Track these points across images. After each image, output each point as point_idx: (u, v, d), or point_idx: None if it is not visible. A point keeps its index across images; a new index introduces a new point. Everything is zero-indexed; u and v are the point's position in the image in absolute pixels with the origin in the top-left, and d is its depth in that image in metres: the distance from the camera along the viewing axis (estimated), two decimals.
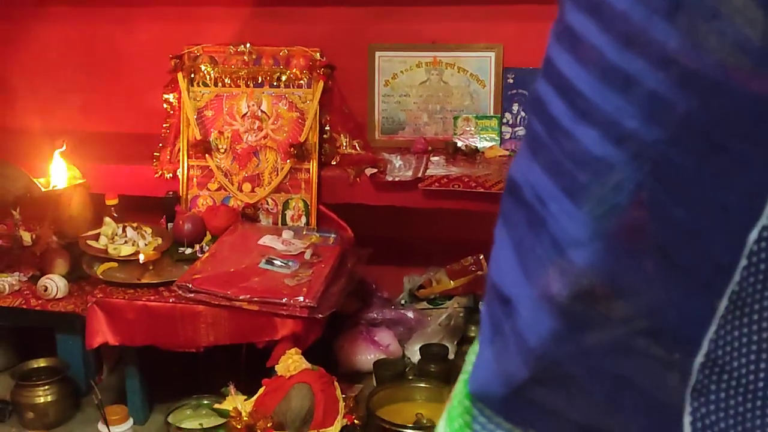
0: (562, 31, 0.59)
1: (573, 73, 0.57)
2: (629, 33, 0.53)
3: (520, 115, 2.56)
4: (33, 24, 2.77)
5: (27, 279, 2.33)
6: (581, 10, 0.56)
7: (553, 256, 0.58)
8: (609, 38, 0.54)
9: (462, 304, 2.56)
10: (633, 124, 0.53)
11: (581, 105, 0.56)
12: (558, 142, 0.58)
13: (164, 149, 2.47)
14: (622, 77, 0.54)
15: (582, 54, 0.56)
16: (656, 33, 0.52)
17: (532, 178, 0.60)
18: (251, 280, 2.09)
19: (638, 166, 0.54)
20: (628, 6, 0.53)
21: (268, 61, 2.42)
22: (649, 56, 0.53)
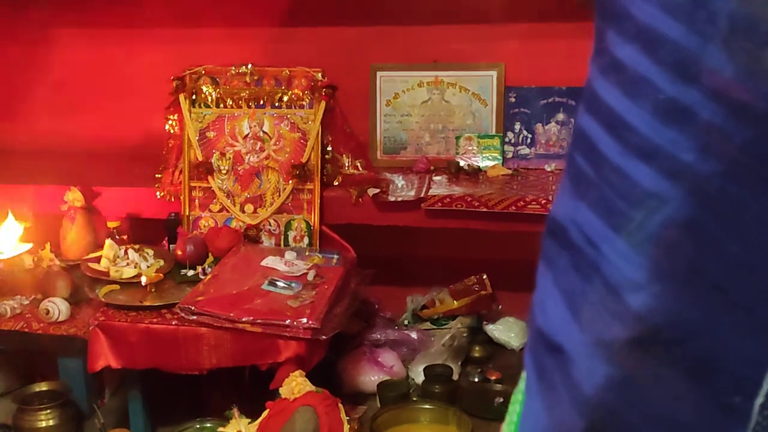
0: (607, 63, 0.55)
1: (623, 107, 0.53)
2: (683, 63, 0.50)
3: (522, 133, 2.52)
4: (39, 46, 2.75)
5: (29, 302, 2.28)
6: (630, 42, 0.53)
7: (608, 301, 0.54)
8: (661, 69, 0.51)
9: (465, 324, 2.52)
10: (689, 158, 0.50)
11: (632, 140, 0.53)
12: (607, 180, 0.55)
13: (166, 171, 2.43)
14: (676, 109, 0.51)
15: (632, 87, 0.53)
16: (711, 62, 0.49)
17: (579, 219, 0.57)
18: (254, 302, 2.04)
19: (695, 200, 0.51)
20: (681, 35, 0.50)
21: (270, 82, 2.38)
22: (704, 86, 0.50)
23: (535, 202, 2.23)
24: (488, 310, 2.57)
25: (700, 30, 0.49)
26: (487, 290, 2.54)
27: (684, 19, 0.50)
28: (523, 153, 2.53)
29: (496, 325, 2.57)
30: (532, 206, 2.23)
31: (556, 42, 2.46)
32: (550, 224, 0.61)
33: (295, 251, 2.29)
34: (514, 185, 2.38)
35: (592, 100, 0.57)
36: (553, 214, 0.61)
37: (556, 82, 2.48)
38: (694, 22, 0.50)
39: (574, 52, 2.44)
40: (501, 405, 2.23)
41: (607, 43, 0.56)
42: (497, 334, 2.55)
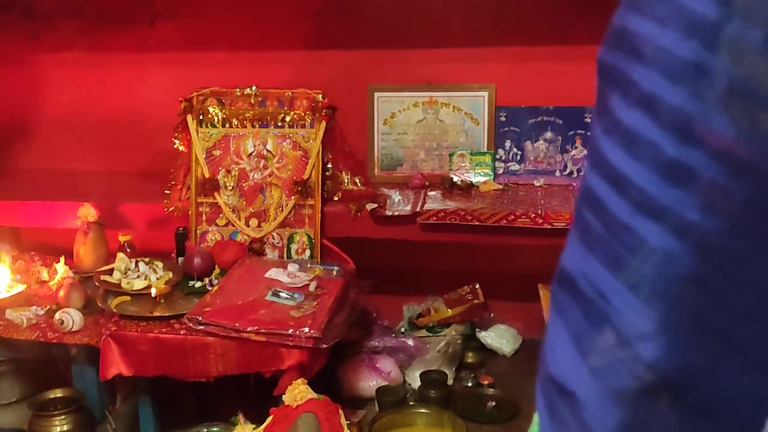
0: (612, 125, 0.56)
1: (628, 168, 0.55)
2: (685, 126, 0.52)
3: (512, 150, 2.58)
4: (50, 69, 2.79)
5: (44, 312, 2.33)
6: (633, 107, 0.55)
7: (619, 351, 0.56)
8: (665, 133, 0.53)
9: (459, 331, 2.56)
10: (694, 216, 0.52)
11: (639, 198, 0.54)
12: (615, 235, 0.56)
13: (175, 187, 2.48)
14: (680, 170, 0.53)
15: (636, 149, 0.54)
16: (713, 125, 0.51)
17: (589, 272, 0.58)
18: (258, 312, 2.09)
19: (699, 256, 0.53)
20: (682, 101, 0.52)
21: (273, 103, 2.44)
22: (707, 148, 0.52)
23: (524, 216, 2.28)
24: (481, 318, 2.61)
25: (701, 95, 0.51)
26: (479, 299, 2.59)
27: (685, 85, 0.52)
28: (513, 169, 2.58)
29: (489, 332, 2.62)
30: (521, 220, 2.28)
31: (544, 64, 2.52)
32: (560, 274, 0.62)
33: (297, 263, 2.34)
34: (505, 200, 2.43)
35: (598, 159, 0.58)
36: (563, 264, 0.62)
37: (544, 102, 2.54)
38: (695, 88, 0.51)
39: (560, 73, 2.51)
40: (493, 409, 2.28)
41: (611, 106, 0.57)
42: (489, 341, 2.60)
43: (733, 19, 0.50)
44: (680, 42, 0.52)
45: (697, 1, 0.51)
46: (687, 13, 0.52)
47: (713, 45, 0.51)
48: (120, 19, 2.67)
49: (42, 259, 2.61)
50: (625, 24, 0.57)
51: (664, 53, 0.53)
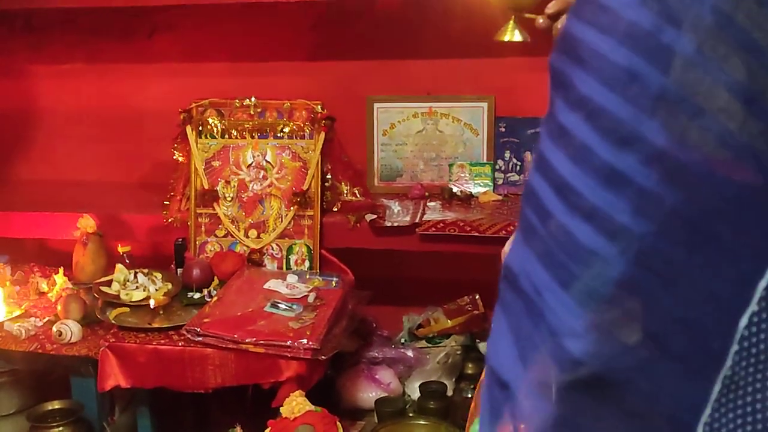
0: (554, 128, 0.58)
1: (565, 170, 0.56)
2: (618, 132, 0.53)
3: (512, 161, 2.55)
4: (49, 80, 2.78)
5: (42, 324, 2.30)
6: (572, 110, 0.56)
7: (550, 345, 0.56)
8: (599, 136, 0.54)
9: (459, 342, 2.53)
10: (624, 219, 0.53)
11: (574, 200, 0.55)
12: (552, 235, 0.57)
13: (174, 198, 2.46)
14: (612, 174, 0.53)
15: (573, 151, 0.56)
16: (644, 131, 0.52)
17: (528, 268, 0.59)
18: (257, 324, 2.06)
19: (630, 258, 0.53)
20: (615, 106, 0.53)
21: (272, 114, 2.41)
22: (638, 154, 0.52)
23: None
24: (480, 329, 2.58)
25: (635, 102, 0.52)
26: (479, 310, 2.56)
27: (620, 91, 0.53)
28: (513, 180, 2.56)
29: None
30: None
31: (543, 75, 2.46)
32: (504, 270, 0.62)
33: (296, 274, 2.31)
34: (504, 210, 2.41)
35: (541, 160, 0.59)
36: (508, 260, 0.63)
37: (544, 113, 2.50)
38: (629, 94, 0.52)
39: None
40: None
41: (555, 109, 0.58)
42: None
43: (668, 30, 0.51)
44: (616, 49, 0.53)
45: (633, 11, 0.53)
46: (624, 22, 0.53)
47: (647, 53, 0.52)
48: (119, 31, 2.65)
49: (41, 270, 2.58)
50: (571, 30, 0.58)
51: (601, 59, 0.54)
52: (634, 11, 0.52)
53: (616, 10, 0.53)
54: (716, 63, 0.50)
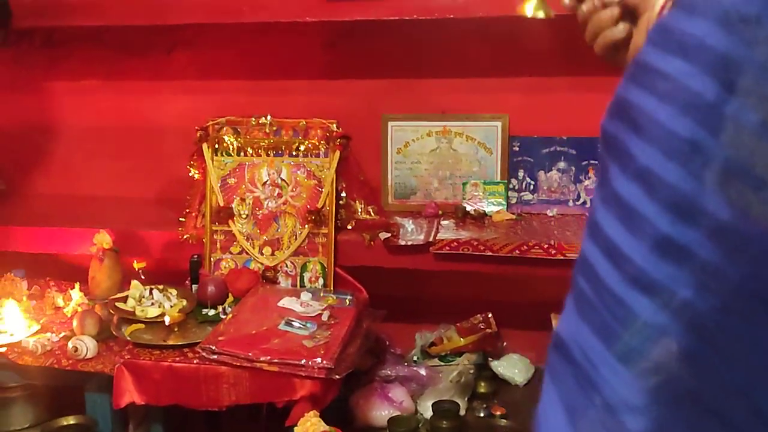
0: (609, 196, 0.56)
1: (622, 240, 0.54)
2: (680, 204, 0.51)
3: (526, 180, 2.54)
4: (68, 96, 2.78)
5: (58, 339, 2.30)
6: (629, 179, 0.54)
7: (608, 421, 0.55)
8: (660, 209, 0.52)
9: (472, 361, 2.52)
10: (687, 294, 0.51)
11: (632, 271, 0.53)
12: (607, 306, 0.55)
13: (190, 215, 2.46)
14: (674, 248, 0.52)
15: (631, 222, 0.54)
16: (707, 205, 0.50)
17: (580, 339, 0.57)
18: (271, 342, 2.05)
19: (692, 333, 0.51)
20: (678, 179, 0.51)
21: (288, 132, 2.41)
22: (702, 227, 0.50)
23: (537, 246, 2.24)
24: (493, 348, 2.57)
25: (697, 174, 0.50)
26: (492, 328, 2.54)
27: (682, 163, 0.51)
28: (527, 199, 2.55)
29: (501, 362, 2.57)
30: (534, 251, 2.24)
31: (557, 95, 2.49)
32: (555, 339, 0.61)
33: (310, 292, 2.31)
34: (518, 230, 2.40)
35: (595, 228, 0.57)
36: (559, 330, 0.61)
37: (558, 132, 2.51)
38: (691, 167, 0.51)
39: (574, 104, 2.48)
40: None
41: (610, 177, 0.56)
42: (502, 370, 2.55)
43: (731, 101, 0.49)
44: (677, 119, 0.51)
45: (696, 80, 0.51)
46: (686, 91, 0.51)
47: (710, 124, 0.50)
48: (138, 48, 2.66)
49: (57, 284, 2.58)
50: (627, 95, 0.56)
51: (661, 129, 0.52)
52: (696, 81, 0.50)
53: (678, 79, 0.52)
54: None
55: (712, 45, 0.50)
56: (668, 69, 0.52)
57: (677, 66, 0.51)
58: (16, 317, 2.34)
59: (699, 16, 0.51)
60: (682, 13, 0.52)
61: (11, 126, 2.80)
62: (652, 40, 0.55)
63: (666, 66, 0.52)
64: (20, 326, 2.33)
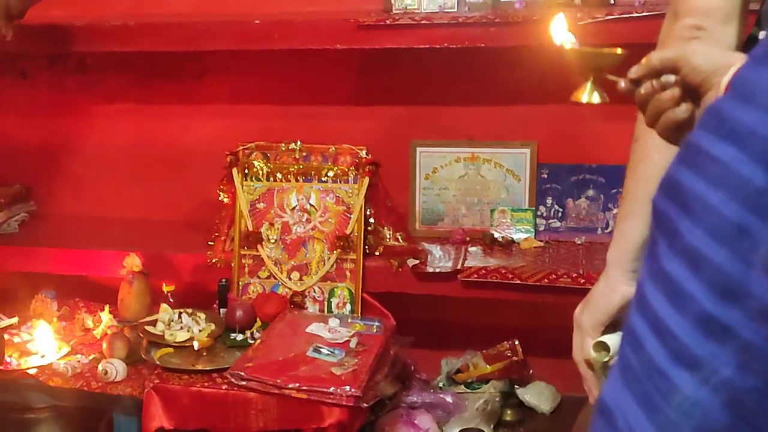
0: (657, 271, 0.58)
1: (667, 315, 0.56)
2: (726, 285, 0.52)
3: (554, 208, 2.55)
4: (100, 119, 2.82)
5: (88, 361, 2.32)
6: (677, 257, 0.56)
7: None
8: (705, 288, 0.53)
9: (498, 388, 2.52)
10: (728, 372, 0.52)
11: (675, 347, 0.55)
12: (651, 378, 0.57)
13: (218, 239, 2.48)
14: (717, 327, 0.53)
15: (677, 299, 0.55)
16: (753, 288, 0.51)
17: (624, 407, 0.59)
18: (299, 369, 2.06)
19: (732, 411, 0.52)
20: (725, 260, 0.52)
21: (317, 158, 2.43)
22: (746, 309, 0.51)
23: (566, 275, 2.25)
24: (520, 375, 2.56)
25: (744, 257, 0.51)
26: (518, 356, 2.54)
27: (729, 245, 0.52)
28: (555, 226, 2.55)
29: (527, 390, 2.57)
30: (563, 280, 2.25)
31: (586, 123, 2.49)
32: (600, 405, 0.62)
33: (338, 318, 2.32)
34: (546, 258, 2.40)
35: (642, 301, 0.59)
36: (603, 395, 0.62)
37: (586, 160, 2.51)
38: (738, 249, 0.52)
39: (602, 132, 2.48)
40: None
41: (659, 252, 0.58)
42: (528, 398, 2.55)
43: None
44: (727, 203, 0.53)
45: (746, 166, 0.52)
46: (736, 177, 0.53)
47: (759, 210, 0.51)
48: (169, 73, 2.69)
49: (87, 306, 2.61)
50: (679, 177, 0.58)
51: (710, 212, 0.54)
52: (747, 167, 0.52)
53: (729, 164, 0.53)
54: None
55: (764, 134, 0.51)
56: (720, 154, 0.54)
57: (728, 152, 0.52)
58: (47, 339, 2.37)
59: (753, 105, 0.52)
60: (737, 100, 0.53)
61: (44, 148, 2.84)
62: (704, 124, 0.56)
63: (717, 151, 0.53)
64: (51, 348, 2.36)
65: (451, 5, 2.33)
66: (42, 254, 2.57)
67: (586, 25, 2.14)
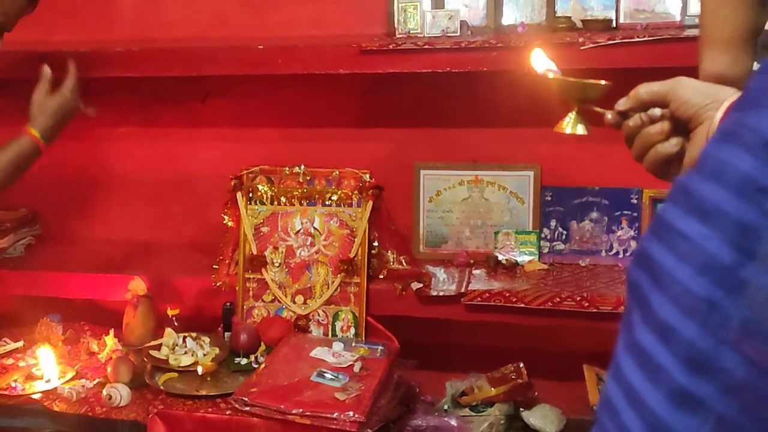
0: (631, 342, 0.59)
1: (641, 387, 0.57)
2: (697, 359, 0.53)
3: (558, 230, 2.55)
4: (105, 143, 2.84)
5: (92, 386, 2.33)
6: (649, 330, 0.57)
7: None
8: (677, 361, 0.54)
9: (503, 411, 2.51)
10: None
11: (650, 419, 0.56)
12: None
13: (223, 262, 2.49)
14: (690, 400, 0.54)
15: (650, 371, 0.56)
16: (724, 361, 0.52)
17: None
18: (303, 394, 2.07)
19: None
20: (694, 334, 0.53)
21: (321, 182, 2.45)
22: (718, 382, 0.52)
23: (570, 299, 2.25)
24: (525, 398, 2.56)
25: (713, 331, 0.52)
26: (523, 378, 2.53)
27: (698, 320, 0.53)
28: (559, 248, 2.55)
29: (532, 412, 2.55)
30: (567, 303, 2.25)
31: (589, 145, 2.50)
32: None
33: (342, 342, 2.32)
34: (550, 280, 2.40)
35: (617, 370, 0.60)
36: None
37: (590, 183, 2.52)
38: (707, 324, 0.53)
39: (605, 155, 2.49)
40: None
41: (633, 323, 0.59)
42: (533, 421, 2.54)
43: (748, 265, 0.51)
44: (695, 278, 0.54)
45: (712, 243, 0.53)
46: (703, 253, 0.54)
47: (726, 286, 0.52)
48: (173, 97, 2.71)
49: (92, 329, 2.62)
50: (650, 250, 0.59)
51: (679, 286, 0.55)
52: (713, 243, 0.53)
53: (696, 240, 0.54)
54: None
55: (728, 211, 0.52)
56: (687, 230, 0.55)
57: (696, 228, 0.53)
58: (51, 363, 2.38)
59: (719, 183, 0.53)
60: (702, 176, 0.54)
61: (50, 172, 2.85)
62: (673, 199, 0.58)
63: (685, 227, 0.54)
64: (55, 372, 2.37)
65: (454, 29, 2.35)
66: (47, 278, 2.59)
67: (588, 50, 2.15)
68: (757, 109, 0.53)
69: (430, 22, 2.35)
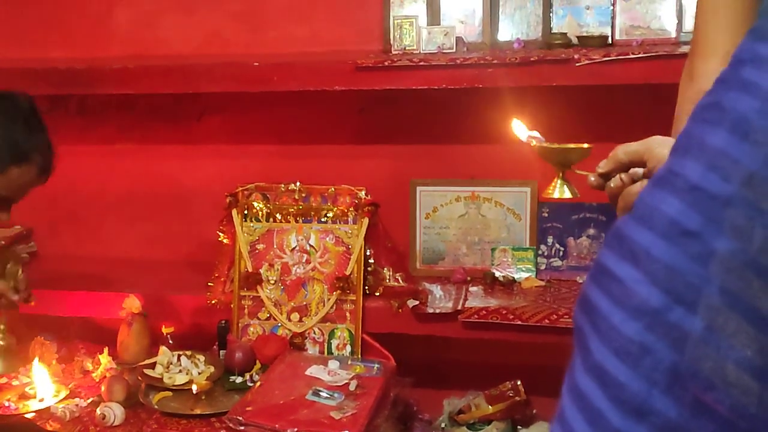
0: (573, 387, 0.61)
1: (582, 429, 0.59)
2: (630, 402, 0.55)
3: (555, 246, 2.55)
4: (101, 160, 2.84)
5: (86, 405, 2.31)
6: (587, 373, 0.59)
7: None
8: (613, 405, 0.56)
9: (500, 429, 2.50)
10: None
11: None
12: None
13: (218, 280, 2.48)
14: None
15: (589, 414, 0.58)
16: (656, 404, 0.53)
17: None
18: (299, 413, 2.06)
19: None
20: (627, 378, 0.55)
21: (317, 199, 2.45)
22: (651, 425, 0.54)
23: (567, 315, 2.24)
24: (522, 416, 2.55)
25: (646, 375, 0.54)
26: (521, 396, 2.53)
27: (631, 364, 0.55)
28: (556, 265, 2.55)
29: (530, 430, 2.55)
30: (564, 320, 2.24)
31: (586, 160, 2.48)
32: None
33: (338, 360, 2.32)
34: (547, 297, 2.40)
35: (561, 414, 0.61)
36: None
37: (587, 199, 2.52)
38: (640, 368, 0.54)
39: None
40: None
41: (574, 366, 0.60)
42: None
43: (676, 309, 0.52)
44: (627, 322, 0.55)
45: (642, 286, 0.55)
46: (634, 296, 0.55)
47: (656, 330, 0.53)
48: (168, 114, 2.72)
49: (86, 347, 2.61)
50: (589, 294, 0.61)
51: (613, 330, 0.56)
52: (644, 287, 0.54)
53: (628, 284, 0.55)
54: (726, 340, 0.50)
55: (657, 256, 0.53)
56: (621, 274, 0.56)
57: (627, 272, 0.54)
58: (45, 382, 2.37)
59: (647, 227, 0.54)
60: (634, 221, 0.56)
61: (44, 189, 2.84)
62: (608, 243, 0.58)
63: (619, 271, 0.55)
64: (49, 391, 2.35)
65: (450, 46, 2.36)
66: (42, 296, 2.57)
67: (583, 66, 2.16)
68: (684, 155, 0.53)
69: (425, 39, 2.36)
